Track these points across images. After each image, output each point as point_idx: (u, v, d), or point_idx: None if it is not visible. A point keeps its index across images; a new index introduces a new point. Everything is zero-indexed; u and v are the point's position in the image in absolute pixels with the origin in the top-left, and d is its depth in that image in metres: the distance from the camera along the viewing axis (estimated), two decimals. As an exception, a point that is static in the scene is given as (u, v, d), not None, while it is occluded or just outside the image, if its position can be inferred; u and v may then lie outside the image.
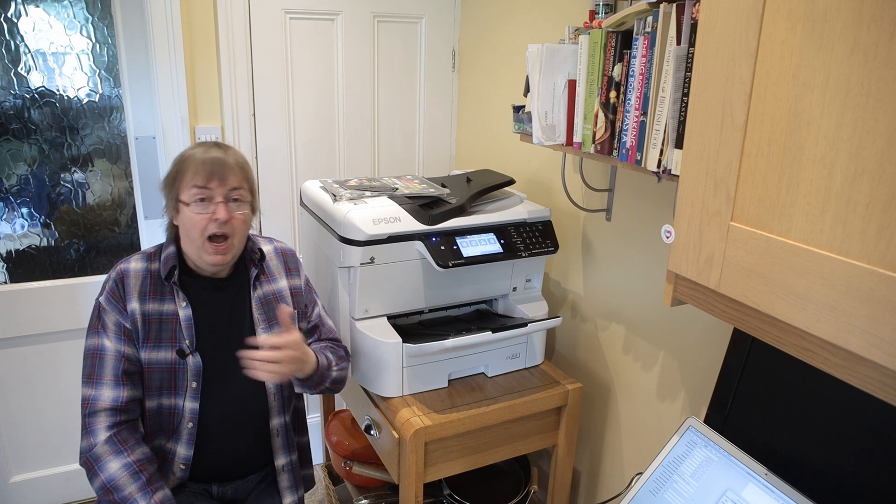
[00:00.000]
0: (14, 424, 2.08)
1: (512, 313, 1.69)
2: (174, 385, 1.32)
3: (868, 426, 0.96)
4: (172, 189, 1.30)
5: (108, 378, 1.27)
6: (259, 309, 1.40)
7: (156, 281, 1.32)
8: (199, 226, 1.27)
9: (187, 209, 1.27)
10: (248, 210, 1.34)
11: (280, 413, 1.42)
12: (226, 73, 2.01)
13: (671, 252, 0.92)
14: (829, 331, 0.70)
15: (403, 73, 2.29)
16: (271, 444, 1.42)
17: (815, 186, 0.70)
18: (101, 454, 1.23)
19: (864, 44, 0.64)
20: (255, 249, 1.43)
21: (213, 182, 1.26)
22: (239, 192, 1.30)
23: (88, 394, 1.26)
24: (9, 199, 1.97)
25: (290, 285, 1.47)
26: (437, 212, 1.50)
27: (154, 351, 1.30)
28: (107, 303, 1.30)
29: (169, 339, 1.31)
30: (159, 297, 1.32)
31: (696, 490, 1.09)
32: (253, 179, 1.37)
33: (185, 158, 1.29)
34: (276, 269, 1.47)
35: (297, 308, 1.47)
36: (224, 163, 1.28)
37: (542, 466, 1.93)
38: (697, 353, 1.41)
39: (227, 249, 1.30)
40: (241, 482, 1.45)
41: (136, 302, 1.29)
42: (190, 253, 1.33)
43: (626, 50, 1.17)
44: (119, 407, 1.26)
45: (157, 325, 1.31)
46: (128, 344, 1.29)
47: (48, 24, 1.88)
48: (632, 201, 1.55)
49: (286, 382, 1.42)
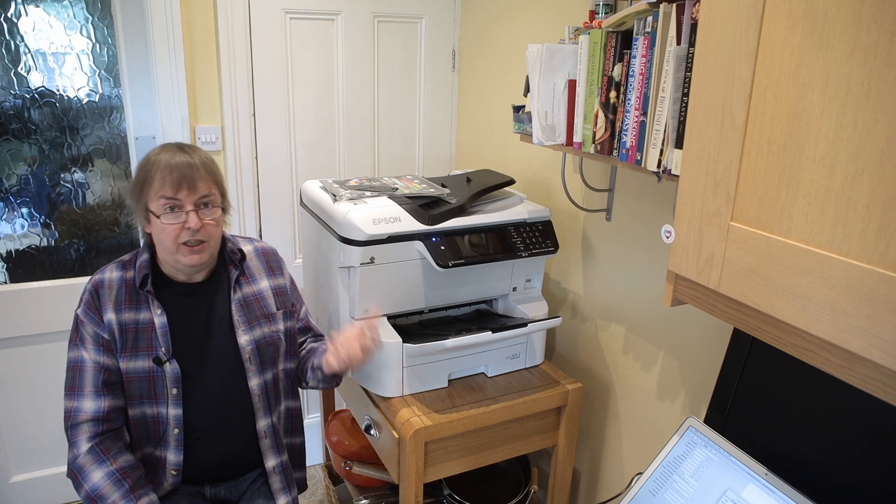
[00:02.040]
0: (14, 424, 2.08)
1: (512, 313, 1.69)
2: (154, 393, 1.31)
3: (868, 426, 0.96)
4: (140, 199, 1.27)
5: (88, 389, 1.27)
6: (239, 311, 1.38)
7: (131, 290, 1.31)
8: (171, 235, 1.25)
9: (158, 220, 1.25)
10: (220, 212, 1.31)
11: (266, 414, 1.40)
12: (226, 73, 2.01)
13: (671, 252, 0.92)
14: (829, 331, 0.70)
15: (403, 73, 2.29)
16: (260, 446, 1.41)
17: (815, 186, 0.70)
18: (83, 464, 1.24)
19: (864, 44, 0.64)
20: (235, 250, 1.42)
21: (181, 192, 1.24)
22: (209, 198, 1.28)
23: (70, 406, 1.27)
24: (9, 199, 1.97)
25: (273, 285, 1.46)
26: (437, 212, 1.50)
27: (132, 360, 1.29)
28: (84, 315, 1.29)
29: (146, 347, 1.30)
30: (135, 306, 1.31)
31: (696, 490, 1.09)
32: (221, 179, 1.33)
33: (151, 165, 1.25)
34: (256, 269, 1.45)
35: (283, 307, 1.46)
36: (192, 168, 1.25)
37: (542, 466, 1.93)
38: (697, 353, 1.41)
39: (202, 249, 1.28)
40: (234, 483, 1.45)
41: (112, 312, 1.28)
42: (165, 259, 1.32)
43: (626, 50, 1.17)
44: (101, 417, 1.26)
45: (134, 333, 1.29)
46: (106, 354, 1.28)
47: (48, 24, 1.88)
48: (632, 201, 1.55)
49: (270, 384, 1.41)
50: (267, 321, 1.41)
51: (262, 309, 1.42)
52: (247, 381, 1.37)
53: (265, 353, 1.40)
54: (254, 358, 1.37)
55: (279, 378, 1.45)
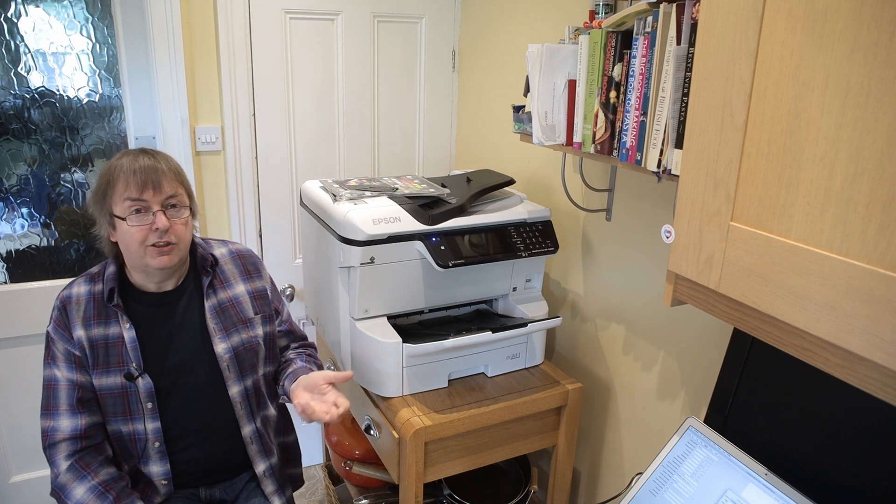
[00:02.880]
0: (14, 424, 2.08)
1: (512, 313, 1.69)
2: (128, 410, 1.28)
3: (868, 426, 0.96)
4: (104, 205, 1.23)
5: (63, 408, 1.25)
6: (214, 318, 1.35)
7: (99, 304, 1.27)
8: (137, 238, 1.21)
9: (123, 223, 1.21)
10: (188, 212, 1.28)
11: (250, 420, 1.38)
12: (226, 73, 2.01)
13: (671, 252, 0.92)
14: (829, 331, 0.70)
15: (403, 73, 2.29)
16: (247, 452, 1.39)
17: (815, 186, 0.70)
18: (65, 483, 1.21)
19: (864, 44, 0.64)
20: (206, 256, 1.37)
21: (147, 192, 1.20)
22: (176, 199, 1.24)
23: (47, 425, 1.24)
24: (9, 199, 1.97)
25: (250, 289, 1.42)
26: (437, 212, 1.50)
27: (104, 377, 1.26)
28: (54, 332, 1.26)
29: (117, 363, 1.26)
30: (104, 321, 1.27)
31: (696, 490, 1.09)
32: (188, 183, 1.30)
33: (113, 170, 1.22)
34: (231, 273, 1.41)
35: (262, 311, 1.43)
36: (156, 169, 1.22)
37: (542, 466, 1.93)
38: (697, 353, 1.41)
39: (171, 251, 1.24)
40: (228, 483, 1.44)
41: (81, 329, 1.26)
42: (133, 265, 1.27)
43: (626, 50, 1.17)
44: (78, 435, 1.24)
45: (104, 349, 1.26)
46: (79, 371, 1.26)
47: (48, 24, 1.88)
48: (632, 201, 1.55)
49: (252, 391, 1.39)
50: (245, 326, 1.38)
51: (239, 315, 1.38)
52: (226, 390, 1.34)
53: (244, 360, 1.37)
54: (232, 366, 1.34)
55: (260, 383, 1.42)
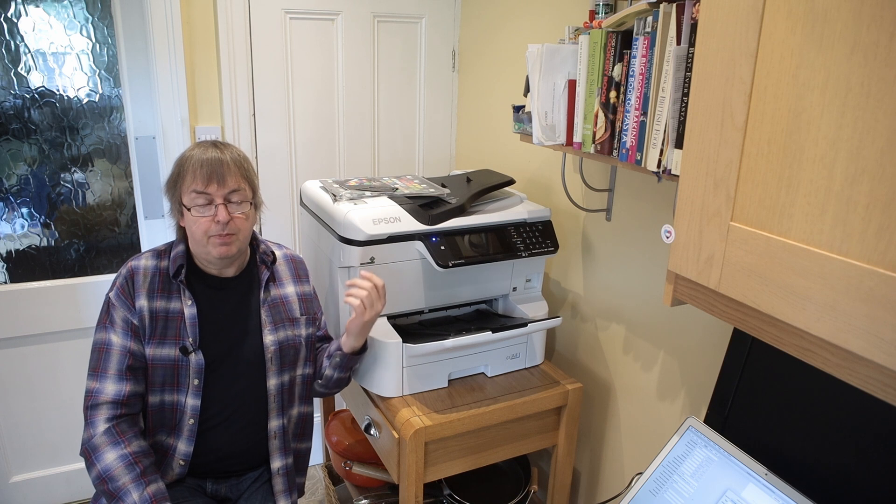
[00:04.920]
0: (14, 424, 2.08)
1: (512, 313, 1.69)
2: (177, 382, 1.34)
3: (868, 426, 0.96)
4: (175, 193, 1.33)
5: (111, 372, 1.29)
6: (267, 311, 1.42)
7: (164, 279, 1.35)
8: (201, 228, 1.29)
9: (189, 213, 1.30)
10: (250, 208, 1.35)
11: (279, 415, 1.42)
12: (226, 73, 2.01)
13: (671, 252, 0.92)
14: (828, 331, 0.70)
15: (403, 73, 2.29)
16: (268, 446, 1.43)
17: (815, 186, 0.70)
18: (98, 444, 1.24)
19: (864, 44, 0.64)
20: (268, 252, 1.46)
21: (211, 185, 1.28)
22: (238, 193, 1.32)
23: (92, 387, 1.29)
24: (9, 199, 1.97)
25: (300, 291, 1.49)
26: (437, 212, 1.50)
27: (158, 347, 1.32)
28: (116, 298, 1.32)
29: (173, 336, 1.33)
30: (167, 295, 1.34)
31: (696, 490, 1.09)
32: (253, 176, 1.37)
33: (185, 161, 1.31)
34: (284, 274, 1.49)
35: (307, 314, 1.49)
36: (222, 163, 1.29)
37: (542, 466, 1.93)
38: (697, 353, 1.41)
39: (231, 241, 1.31)
40: (236, 481, 1.46)
41: (144, 299, 1.32)
42: (197, 252, 1.36)
43: (626, 50, 1.17)
44: (120, 401, 1.28)
45: (164, 322, 1.33)
46: (134, 340, 1.31)
47: (48, 24, 1.88)
48: (632, 201, 1.55)
49: (287, 386, 1.43)
50: (291, 325, 1.45)
51: (287, 313, 1.45)
52: (265, 380, 1.40)
53: (286, 356, 1.43)
54: (275, 358, 1.40)
55: (296, 382, 1.48)
